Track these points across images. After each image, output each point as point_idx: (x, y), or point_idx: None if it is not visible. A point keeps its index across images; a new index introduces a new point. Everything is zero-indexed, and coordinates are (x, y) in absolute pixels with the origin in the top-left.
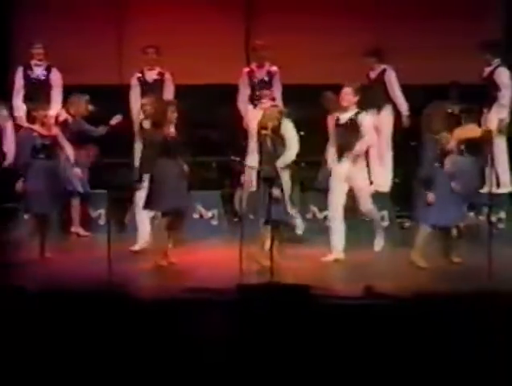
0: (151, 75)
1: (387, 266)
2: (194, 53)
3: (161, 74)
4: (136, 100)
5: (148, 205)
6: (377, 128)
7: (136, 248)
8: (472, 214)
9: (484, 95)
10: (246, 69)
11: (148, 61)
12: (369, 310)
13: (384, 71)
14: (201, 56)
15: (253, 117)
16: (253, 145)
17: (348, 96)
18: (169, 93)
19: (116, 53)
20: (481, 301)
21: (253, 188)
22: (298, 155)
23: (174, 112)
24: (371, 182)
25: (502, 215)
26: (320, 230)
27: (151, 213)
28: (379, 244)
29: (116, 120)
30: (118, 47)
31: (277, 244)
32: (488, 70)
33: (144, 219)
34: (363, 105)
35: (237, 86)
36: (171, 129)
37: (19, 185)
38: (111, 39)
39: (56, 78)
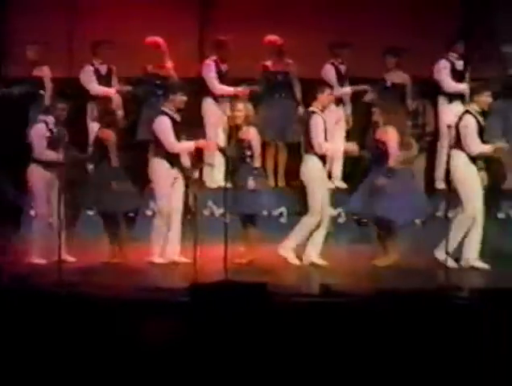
0: (103, 70)
1: (345, 263)
2: (146, 47)
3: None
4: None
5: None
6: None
7: None
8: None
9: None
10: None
11: (100, 56)
12: (327, 308)
13: None
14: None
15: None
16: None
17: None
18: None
19: (66, 47)
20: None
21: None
22: None
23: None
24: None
25: None
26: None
27: None
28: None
29: None
30: (68, 42)
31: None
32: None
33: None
34: None
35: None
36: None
37: None
38: (61, 33)
39: None
